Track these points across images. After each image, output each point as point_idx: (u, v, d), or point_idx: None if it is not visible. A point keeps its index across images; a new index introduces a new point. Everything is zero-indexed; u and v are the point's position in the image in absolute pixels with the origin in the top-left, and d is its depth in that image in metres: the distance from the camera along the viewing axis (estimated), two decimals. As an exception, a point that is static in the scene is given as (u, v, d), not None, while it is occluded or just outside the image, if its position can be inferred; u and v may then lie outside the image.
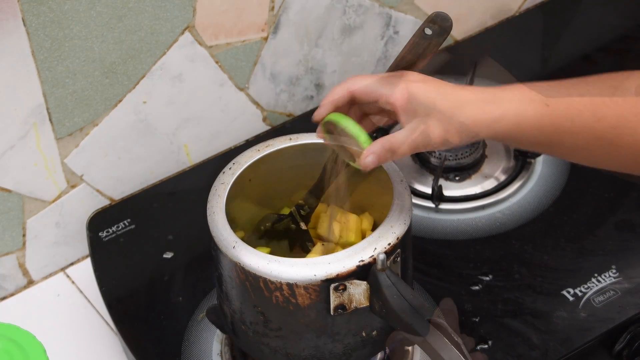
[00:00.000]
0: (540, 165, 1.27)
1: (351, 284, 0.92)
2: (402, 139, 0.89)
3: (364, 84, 0.92)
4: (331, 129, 0.95)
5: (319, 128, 0.97)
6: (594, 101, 0.88)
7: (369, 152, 0.91)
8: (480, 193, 1.25)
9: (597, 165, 0.93)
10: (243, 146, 1.32)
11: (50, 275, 1.28)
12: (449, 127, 0.88)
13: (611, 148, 0.89)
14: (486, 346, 1.08)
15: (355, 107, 0.96)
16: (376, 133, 0.98)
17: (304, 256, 1.00)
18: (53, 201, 1.24)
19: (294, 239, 1.04)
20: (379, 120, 0.97)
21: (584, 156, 0.91)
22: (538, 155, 1.27)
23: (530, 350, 1.07)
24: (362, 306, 0.94)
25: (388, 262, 0.92)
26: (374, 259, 0.91)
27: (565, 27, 1.46)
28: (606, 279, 1.13)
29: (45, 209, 1.24)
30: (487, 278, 1.15)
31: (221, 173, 1.01)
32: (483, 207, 1.23)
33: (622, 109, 0.88)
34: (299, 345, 0.97)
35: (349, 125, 0.93)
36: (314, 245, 1.02)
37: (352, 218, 1.04)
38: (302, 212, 1.03)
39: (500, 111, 0.88)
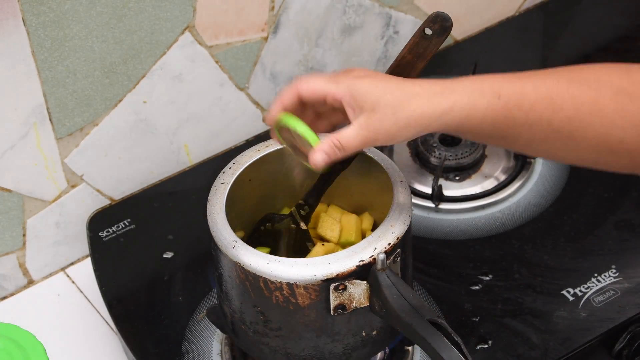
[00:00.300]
0: (540, 165, 1.27)
1: (351, 283, 0.92)
2: (350, 135, 0.88)
3: (310, 84, 0.91)
4: (285, 131, 0.95)
5: (272, 131, 0.96)
6: (549, 93, 0.87)
7: (318, 151, 0.90)
8: (480, 193, 1.25)
9: (557, 159, 0.92)
10: (243, 146, 1.32)
11: (50, 275, 1.28)
12: (396, 120, 0.87)
13: (569, 141, 0.87)
14: (486, 346, 1.08)
15: (308, 108, 0.95)
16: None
17: (304, 256, 1.00)
18: (53, 201, 1.24)
19: (294, 239, 1.04)
20: (334, 119, 0.96)
21: (543, 149, 0.90)
22: (538, 155, 1.27)
23: (530, 350, 1.07)
24: (362, 306, 0.94)
25: (388, 262, 0.92)
26: (374, 259, 0.91)
27: (565, 27, 1.46)
28: (606, 279, 1.13)
29: (46, 209, 1.24)
30: (487, 278, 1.15)
31: (221, 173, 1.01)
32: (483, 207, 1.23)
33: (579, 101, 0.86)
34: (299, 345, 0.97)
35: (297, 125, 0.93)
36: (314, 245, 1.02)
37: (352, 218, 1.04)
38: (302, 212, 1.03)
39: (449, 103, 0.86)
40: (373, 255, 0.92)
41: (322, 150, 0.90)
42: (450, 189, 1.25)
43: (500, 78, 0.88)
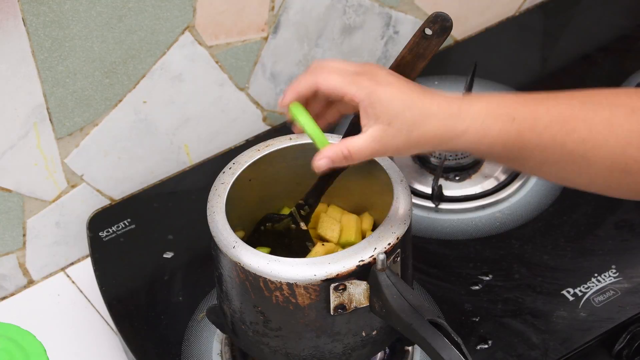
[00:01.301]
0: (540, 165, 1.27)
1: (351, 283, 0.92)
2: (360, 145, 0.89)
3: (331, 81, 0.91)
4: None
5: (287, 114, 0.95)
6: (563, 115, 0.87)
7: (323, 156, 0.90)
8: (480, 193, 1.25)
9: (568, 182, 0.91)
10: (243, 146, 1.32)
11: (50, 275, 1.28)
12: (409, 138, 0.87)
13: (582, 162, 0.87)
14: (486, 346, 1.08)
15: (320, 97, 0.94)
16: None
17: (304, 256, 1.00)
18: (53, 201, 1.24)
19: (294, 239, 1.04)
20: (343, 109, 0.96)
21: (554, 171, 0.90)
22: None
23: (530, 350, 1.07)
24: (362, 306, 0.94)
25: (388, 262, 0.92)
26: (374, 259, 0.91)
27: (565, 27, 1.46)
28: (606, 279, 1.13)
29: (46, 209, 1.24)
30: (487, 278, 1.15)
31: (221, 173, 1.01)
32: (483, 207, 1.23)
33: (593, 122, 0.86)
34: (299, 345, 0.97)
35: (306, 125, 0.93)
36: (314, 245, 1.02)
37: (352, 218, 1.04)
38: (302, 212, 1.03)
39: (463, 127, 0.87)
40: (373, 255, 0.92)
41: (327, 156, 0.90)
42: (450, 189, 1.25)
43: (513, 100, 0.88)
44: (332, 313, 0.94)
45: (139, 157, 1.29)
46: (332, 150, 0.90)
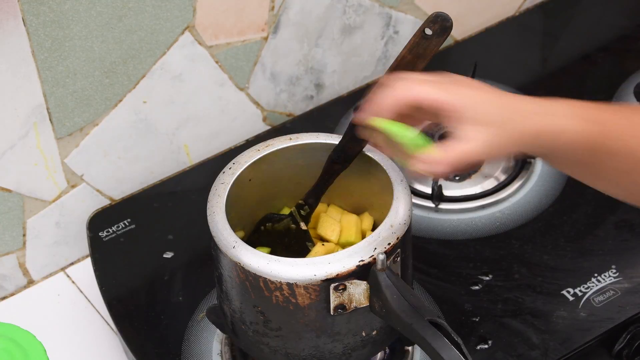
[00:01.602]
0: (540, 165, 1.27)
1: (351, 283, 0.92)
2: (468, 150, 0.85)
3: (423, 90, 0.87)
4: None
5: (364, 129, 0.91)
6: (635, 124, 0.87)
7: (437, 161, 0.85)
8: (480, 193, 1.25)
9: (633, 196, 0.91)
10: (243, 146, 1.32)
11: (50, 275, 1.28)
12: (512, 136, 0.85)
13: None
14: (486, 346, 1.08)
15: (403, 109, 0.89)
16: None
17: (304, 256, 1.00)
18: (53, 201, 1.24)
19: (294, 239, 1.04)
20: (421, 121, 0.92)
21: (625, 182, 0.89)
22: (538, 155, 1.27)
23: (530, 350, 1.07)
24: (362, 306, 0.94)
25: (388, 262, 0.92)
26: (374, 259, 0.91)
27: (565, 27, 1.46)
28: (606, 279, 1.13)
29: (46, 209, 1.24)
30: (487, 278, 1.15)
31: (221, 173, 1.01)
32: (483, 207, 1.23)
33: None
34: (299, 345, 0.97)
35: (400, 132, 0.88)
36: (314, 245, 1.02)
37: (352, 218, 1.04)
38: (302, 212, 1.03)
39: (561, 125, 0.86)
40: (373, 255, 0.92)
41: (444, 162, 0.85)
42: (450, 189, 1.25)
43: (587, 106, 0.88)
44: (332, 313, 0.94)
45: (139, 157, 1.29)
46: (445, 155, 0.85)
